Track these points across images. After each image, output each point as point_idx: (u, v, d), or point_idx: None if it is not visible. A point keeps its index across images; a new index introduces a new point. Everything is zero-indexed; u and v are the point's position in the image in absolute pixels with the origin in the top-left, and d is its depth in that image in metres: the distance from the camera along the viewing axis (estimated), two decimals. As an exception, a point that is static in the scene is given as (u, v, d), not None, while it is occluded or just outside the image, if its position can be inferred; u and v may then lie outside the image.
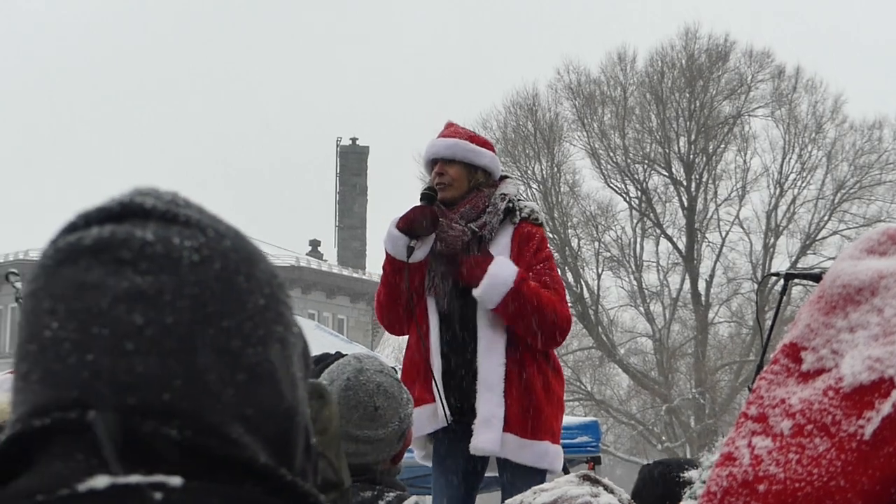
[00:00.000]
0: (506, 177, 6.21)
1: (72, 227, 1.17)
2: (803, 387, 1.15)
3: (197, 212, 1.19)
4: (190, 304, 1.12)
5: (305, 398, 1.19)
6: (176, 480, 1.07)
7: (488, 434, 5.74)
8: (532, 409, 5.81)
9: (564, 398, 6.32)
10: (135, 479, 1.06)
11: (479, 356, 5.83)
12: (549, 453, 5.88)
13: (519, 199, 6.07)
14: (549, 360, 5.97)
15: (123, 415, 1.07)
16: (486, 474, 6.15)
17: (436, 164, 6.04)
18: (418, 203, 5.88)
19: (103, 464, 1.07)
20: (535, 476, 5.77)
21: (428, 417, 5.74)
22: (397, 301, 5.90)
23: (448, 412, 5.73)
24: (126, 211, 1.17)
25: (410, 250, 5.79)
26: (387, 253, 5.90)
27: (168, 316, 1.11)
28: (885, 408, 1.07)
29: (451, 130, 6.20)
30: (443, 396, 5.71)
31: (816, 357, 1.16)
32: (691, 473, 3.22)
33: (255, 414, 1.12)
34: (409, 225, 5.80)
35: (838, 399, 1.11)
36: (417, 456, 6.01)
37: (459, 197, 5.91)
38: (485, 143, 6.19)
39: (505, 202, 5.97)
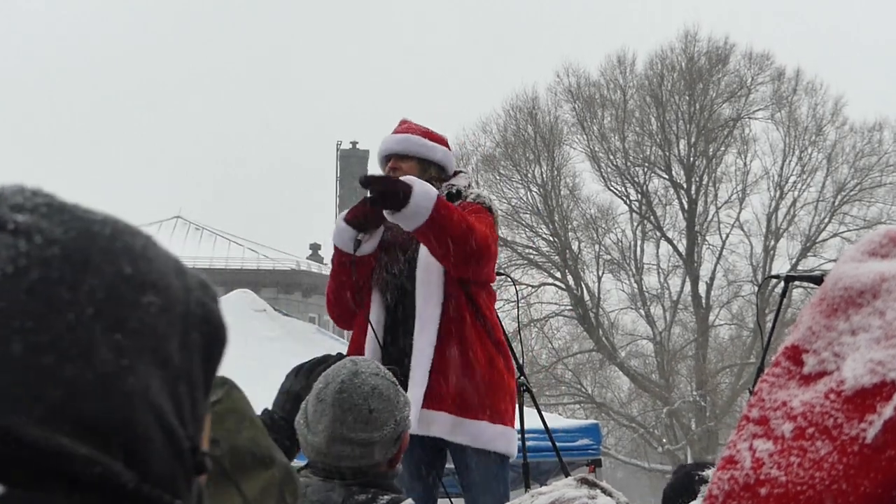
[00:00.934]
0: (459, 172, 6.25)
1: None
2: (805, 389, 1.15)
3: (38, 216, 1.14)
4: None
5: (167, 401, 1.15)
6: None
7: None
8: (469, 387, 5.81)
9: (563, 396, 6.32)
10: None
11: (415, 337, 5.86)
12: (486, 433, 5.83)
13: (470, 189, 6.13)
14: (494, 341, 5.96)
15: None
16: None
17: (389, 160, 6.10)
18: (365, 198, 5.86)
19: None
20: (485, 459, 5.84)
21: None
22: (344, 294, 5.96)
23: None
24: None
25: (357, 243, 5.83)
26: (335, 246, 5.94)
27: None
28: (887, 411, 1.07)
29: (405, 126, 6.26)
30: None
31: (818, 360, 1.15)
32: (709, 472, 3.22)
33: (79, 426, 1.08)
34: (354, 218, 5.87)
35: (840, 402, 1.10)
36: None
37: None
38: (439, 140, 6.22)
39: (448, 189, 6.03)
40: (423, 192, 5.63)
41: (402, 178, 5.73)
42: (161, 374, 1.14)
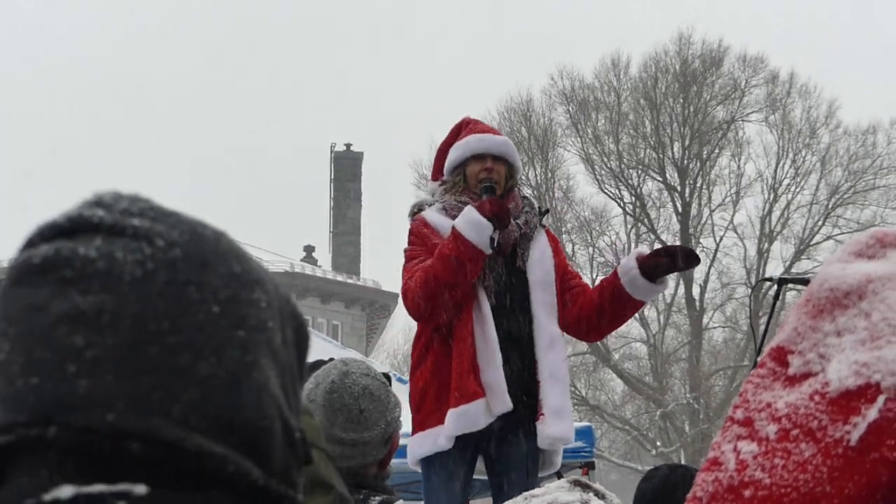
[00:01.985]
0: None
1: (28, 244, 1.17)
2: (790, 391, 1.14)
3: (150, 220, 1.17)
4: (131, 323, 1.10)
5: (281, 393, 1.18)
6: (140, 489, 1.07)
7: (563, 424, 5.85)
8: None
9: None
10: (98, 488, 1.06)
11: (540, 349, 5.88)
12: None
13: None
14: None
15: (79, 433, 1.07)
16: (474, 477, 6.14)
17: (481, 159, 6.05)
18: (484, 196, 5.89)
19: (68, 477, 1.07)
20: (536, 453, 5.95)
21: (482, 412, 5.69)
22: (456, 292, 5.76)
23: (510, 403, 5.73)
24: (74, 226, 1.16)
25: (493, 241, 5.74)
26: (464, 240, 5.71)
27: (108, 336, 1.10)
28: (872, 413, 1.06)
29: (491, 128, 6.34)
30: (503, 389, 5.71)
31: (803, 361, 1.15)
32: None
33: (215, 424, 1.11)
34: (498, 215, 5.76)
35: (824, 404, 1.10)
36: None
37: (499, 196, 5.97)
38: None
39: (538, 205, 6.19)
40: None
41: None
42: (275, 368, 1.18)
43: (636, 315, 41.55)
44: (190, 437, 1.08)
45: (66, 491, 1.06)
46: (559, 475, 7.65)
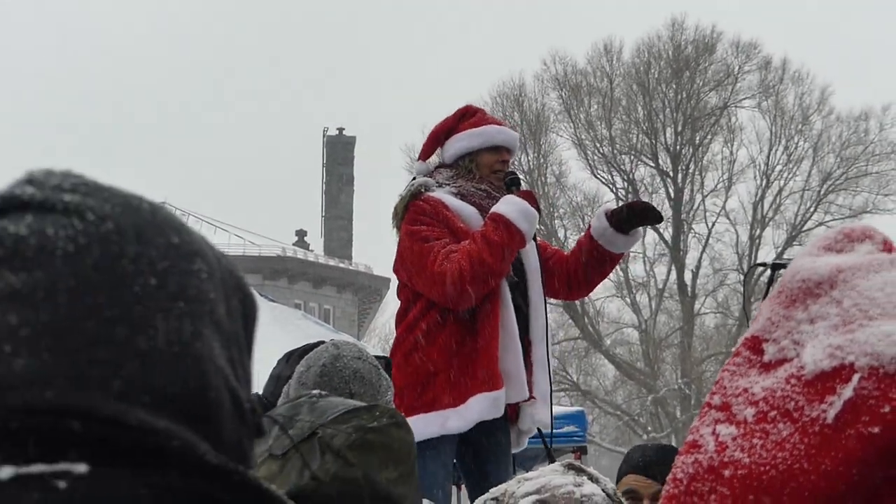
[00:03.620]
0: None
1: None
2: (765, 376, 1.17)
3: (81, 195, 1.14)
4: (66, 299, 1.08)
5: (227, 364, 1.16)
6: (81, 468, 1.04)
7: (547, 410, 5.95)
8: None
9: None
10: (38, 468, 1.04)
11: (535, 337, 5.98)
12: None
13: None
14: None
15: (15, 413, 1.04)
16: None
17: (495, 151, 6.11)
18: (512, 188, 5.98)
19: (7, 457, 1.04)
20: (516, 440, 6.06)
21: (503, 400, 5.75)
22: (498, 277, 5.80)
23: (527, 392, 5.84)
24: (5, 204, 1.13)
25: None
26: (515, 231, 5.75)
27: (43, 313, 1.07)
28: (847, 392, 1.09)
29: (500, 120, 6.47)
30: (524, 377, 5.82)
31: (778, 348, 1.18)
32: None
33: (158, 398, 1.08)
34: (538, 208, 5.91)
35: (800, 386, 1.13)
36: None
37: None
38: None
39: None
40: None
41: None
42: (218, 339, 1.16)
43: (628, 300, 41.70)
44: (131, 411, 1.06)
45: (6, 472, 1.03)
46: (552, 459, 7.67)
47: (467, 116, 6.23)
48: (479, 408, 5.68)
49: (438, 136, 6.27)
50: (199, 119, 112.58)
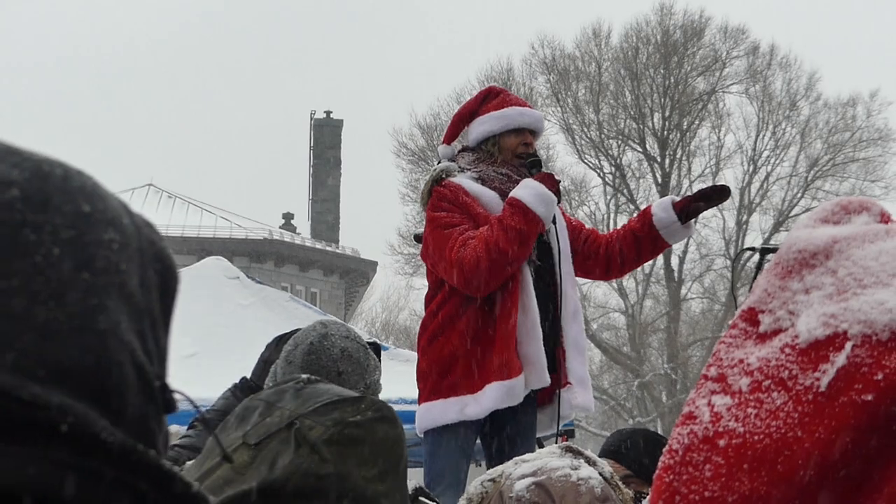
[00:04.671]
0: None
1: None
2: (761, 346, 1.18)
3: None
4: None
5: (135, 338, 1.12)
6: None
7: (587, 394, 5.98)
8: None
9: None
10: None
11: (566, 319, 5.95)
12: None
13: None
14: None
15: None
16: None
17: (518, 133, 6.08)
18: (532, 171, 5.96)
19: None
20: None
21: (522, 388, 5.73)
22: (515, 263, 5.76)
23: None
24: None
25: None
26: (532, 215, 5.73)
27: None
28: (840, 359, 1.10)
29: (524, 101, 6.37)
30: (545, 363, 5.78)
31: (773, 318, 1.19)
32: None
33: (54, 372, 1.04)
34: (558, 191, 5.87)
35: (795, 355, 1.14)
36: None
37: None
38: None
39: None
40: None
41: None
42: (127, 312, 1.12)
43: (614, 285, 41.67)
44: (24, 385, 1.01)
45: None
46: (540, 444, 7.69)
47: (490, 98, 6.20)
48: (494, 395, 5.66)
49: (462, 119, 6.25)
50: (187, 102, 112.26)
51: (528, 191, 5.74)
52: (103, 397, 1.06)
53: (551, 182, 5.82)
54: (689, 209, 5.91)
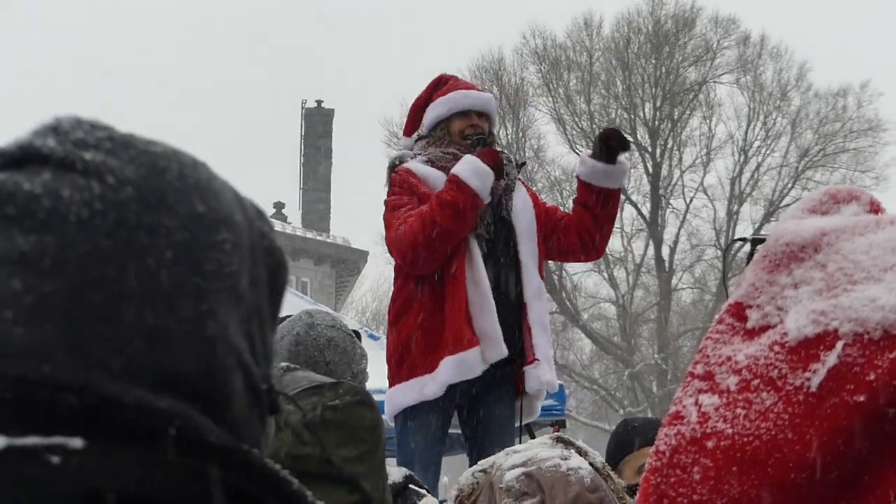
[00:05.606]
0: None
1: None
2: (749, 343, 1.15)
3: (104, 153, 1.09)
4: (73, 269, 1.03)
5: (243, 341, 1.12)
6: (76, 442, 1.00)
7: (550, 372, 5.92)
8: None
9: None
10: (32, 440, 0.99)
11: (529, 297, 5.94)
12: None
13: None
14: None
15: (10, 383, 1.00)
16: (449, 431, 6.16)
17: (464, 116, 6.12)
18: (476, 147, 5.98)
19: (2, 427, 0.99)
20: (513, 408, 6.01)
21: (477, 361, 5.70)
22: (455, 240, 5.79)
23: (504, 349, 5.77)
24: (25, 155, 1.09)
25: (492, 190, 5.87)
26: (468, 188, 5.77)
27: (49, 282, 1.03)
28: (831, 359, 1.08)
29: (471, 84, 6.44)
30: (500, 335, 5.75)
31: (761, 314, 1.16)
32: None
33: (162, 377, 1.04)
34: (497, 165, 5.88)
35: (784, 353, 1.11)
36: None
37: None
38: None
39: (516, 160, 6.31)
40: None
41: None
42: (237, 314, 1.11)
43: (605, 275, 41.74)
44: (131, 391, 1.01)
45: None
46: (532, 434, 7.69)
47: (440, 85, 6.28)
48: (447, 370, 5.67)
49: (417, 110, 6.33)
50: (177, 90, 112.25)
51: (464, 165, 5.81)
52: (210, 402, 1.07)
53: (491, 156, 5.87)
54: (599, 150, 5.95)
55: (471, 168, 5.79)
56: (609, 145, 5.91)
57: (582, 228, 6.04)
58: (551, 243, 6.11)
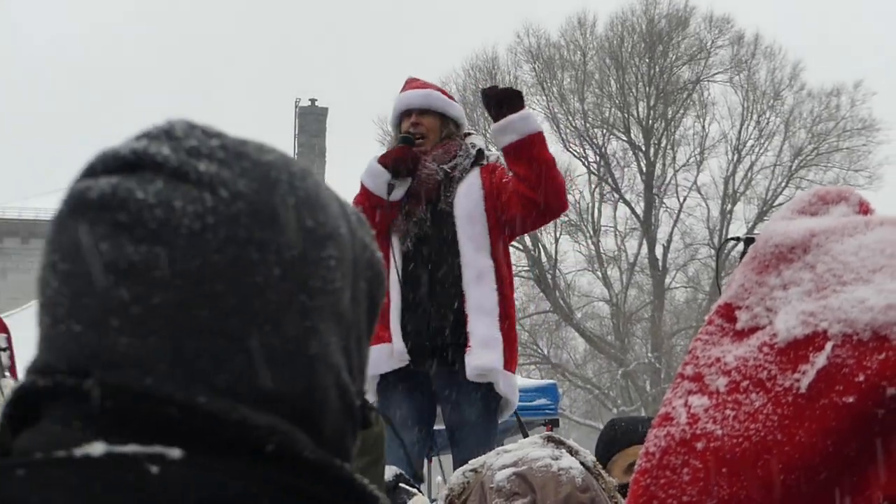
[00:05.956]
0: (470, 133, 6.31)
1: (89, 171, 1.09)
2: (738, 345, 1.15)
3: (218, 163, 1.09)
4: (182, 282, 1.03)
5: (342, 358, 1.12)
6: (175, 453, 1.01)
7: (490, 354, 5.78)
8: (510, 342, 5.91)
9: (519, 356, 6.32)
10: (132, 448, 1.00)
11: (467, 283, 5.88)
12: (515, 388, 5.97)
13: (488, 150, 6.25)
14: (510, 294, 6.06)
15: (113, 391, 1.01)
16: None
17: (408, 115, 6.11)
18: (399, 145, 5.97)
19: (101, 433, 1.01)
20: (492, 405, 5.90)
21: (384, 357, 5.73)
22: None
23: (405, 349, 5.75)
24: (138, 161, 1.08)
25: (391, 188, 5.84)
26: (364, 188, 5.89)
27: (157, 294, 1.03)
28: (820, 360, 1.08)
29: (422, 83, 6.31)
30: (400, 334, 5.76)
31: (751, 315, 1.16)
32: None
33: (263, 395, 1.05)
34: (394, 163, 5.87)
35: (773, 354, 1.11)
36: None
37: (432, 147, 6.01)
38: (452, 97, 6.35)
39: (475, 149, 6.13)
40: (530, 113, 5.91)
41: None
42: (337, 331, 1.11)
43: (599, 274, 41.75)
44: (233, 408, 1.02)
45: (98, 448, 1.00)
46: (524, 433, 7.67)
47: (403, 88, 6.32)
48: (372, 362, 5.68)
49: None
50: (169, 91, 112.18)
51: (365, 166, 5.92)
52: (307, 418, 1.08)
53: (390, 154, 5.91)
54: (494, 113, 5.87)
55: (366, 168, 5.90)
56: (493, 103, 5.84)
57: (518, 194, 5.89)
58: (504, 219, 6.02)
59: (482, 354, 5.77)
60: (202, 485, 1.00)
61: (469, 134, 6.28)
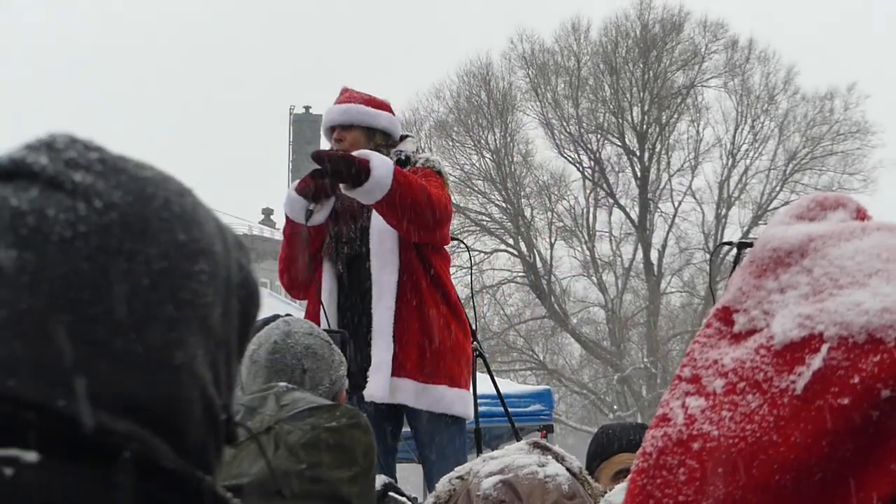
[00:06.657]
0: (407, 136, 6.21)
1: None
2: (735, 347, 1.16)
3: (94, 175, 1.10)
4: (49, 288, 1.04)
5: (208, 372, 1.12)
6: (31, 456, 1.01)
7: (377, 380, 5.70)
8: (429, 353, 5.78)
9: (514, 362, 6.30)
10: None
11: (373, 304, 5.82)
12: (445, 397, 5.82)
13: (418, 153, 6.10)
14: (451, 304, 5.94)
15: None
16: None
17: (334, 130, 6.04)
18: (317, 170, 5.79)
19: None
20: (442, 423, 5.83)
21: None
22: (296, 264, 5.86)
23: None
24: (16, 169, 1.09)
25: (309, 213, 5.80)
26: (286, 216, 5.90)
27: (24, 299, 1.03)
28: (816, 362, 1.08)
29: (347, 96, 6.18)
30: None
31: (748, 318, 1.17)
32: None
33: (124, 401, 1.05)
34: (308, 188, 5.81)
35: (770, 356, 1.12)
36: None
37: None
38: (382, 105, 6.16)
39: (397, 156, 5.98)
40: (382, 165, 5.55)
41: (356, 152, 5.64)
42: (205, 344, 1.12)
43: (594, 279, 41.74)
44: (90, 412, 1.02)
45: None
46: (518, 437, 7.67)
47: None
48: None
49: None
50: (164, 97, 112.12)
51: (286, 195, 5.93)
52: (169, 428, 1.08)
53: (304, 181, 5.80)
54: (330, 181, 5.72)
55: (287, 195, 5.90)
56: (329, 173, 5.65)
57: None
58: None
59: (372, 381, 5.71)
60: (55, 489, 1.01)
61: (406, 137, 6.17)
